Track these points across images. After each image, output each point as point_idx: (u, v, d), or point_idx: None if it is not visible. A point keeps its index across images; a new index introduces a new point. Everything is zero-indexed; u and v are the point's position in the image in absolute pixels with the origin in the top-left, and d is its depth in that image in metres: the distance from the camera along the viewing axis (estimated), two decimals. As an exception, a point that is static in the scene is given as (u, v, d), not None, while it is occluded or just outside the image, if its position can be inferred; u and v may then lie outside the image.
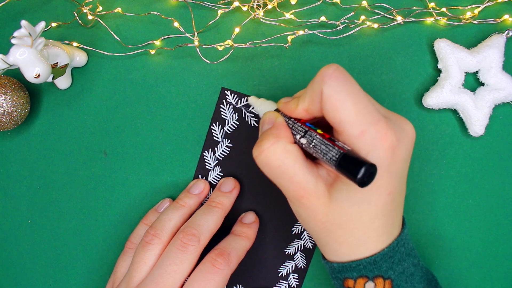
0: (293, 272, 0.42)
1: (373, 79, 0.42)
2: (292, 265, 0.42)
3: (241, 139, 0.42)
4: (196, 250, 0.35)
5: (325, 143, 0.28)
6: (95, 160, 0.43)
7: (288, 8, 0.41)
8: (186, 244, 0.35)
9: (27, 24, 0.33)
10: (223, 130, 0.42)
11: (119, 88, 0.43)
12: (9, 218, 0.44)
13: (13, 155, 0.44)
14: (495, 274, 0.42)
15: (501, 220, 0.42)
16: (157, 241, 0.36)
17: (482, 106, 0.39)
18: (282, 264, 0.42)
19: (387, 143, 0.28)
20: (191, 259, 0.35)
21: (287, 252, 0.42)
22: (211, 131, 0.42)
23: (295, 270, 0.42)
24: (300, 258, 0.42)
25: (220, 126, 0.42)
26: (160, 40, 0.42)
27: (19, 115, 0.40)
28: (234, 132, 0.42)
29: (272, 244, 0.42)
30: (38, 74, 0.35)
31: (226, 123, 0.42)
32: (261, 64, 0.42)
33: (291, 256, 0.42)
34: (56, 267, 0.44)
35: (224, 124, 0.42)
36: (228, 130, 0.42)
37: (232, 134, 0.42)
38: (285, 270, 0.42)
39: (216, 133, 0.42)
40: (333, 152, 0.28)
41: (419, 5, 0.41)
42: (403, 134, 0.30)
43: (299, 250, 0.42)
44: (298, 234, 0.42)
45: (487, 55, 0.39)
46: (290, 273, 0.42)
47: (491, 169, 0.42)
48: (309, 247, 0.42)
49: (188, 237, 0.35)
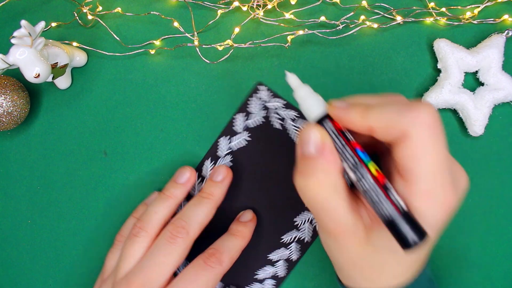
0: (295, 241, 0.42)
1: (373, 79, 0.42)
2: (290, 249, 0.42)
3: (262, 137, 0.41)
4: (185, 242, 0.36)
5: (378, 192, 0.26)
6: (95, 160, 0.43)
7: (288, 8, 0.41)
8: (175, 236, 0.35)
9: (27, 24, 0.33)
10: (245, 122, 0.41)
11: (119, 88, 0.43)
12: (9, 218, 0.44)
13: (13, 155, 0.44)
14: (495, 274, 0.42)
15: (501, 220, 0.42)
16: (143, 234, 0.36)
17: (481, 106, 0.39)
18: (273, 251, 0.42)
19: (448, 208, 0.26)
20: (180, 251, 0.35)
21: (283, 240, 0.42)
22: (232, 120, 0.41)
23: (297, 242, 0.42)
24: (295, 249, 0.42)
25: (244, 118, 0.41)
26: (160, 40, 0.42)
27: (19, 115, 0.40)
28: (256, 128, 0.41)
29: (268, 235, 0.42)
30: (38, 74, 0.35)
31: (251, 117, 0.41)
32: (261, 64, 0.42)
33: (285, 244, 0.42)
34: (56, 267, 0.44)
35: (248, 117, 0.41)
36: (252, 124, 0.41)
37: (254, 129, 0.41)
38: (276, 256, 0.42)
39: (237, 123, 0.41)
40: (386, 207, 0.25)
41: (419, 5, 0.41)
42: (462, 192, 0.28)
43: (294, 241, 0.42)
44: (289, 243, 0.42)
45: (487, 55, 0.39)
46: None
47: (491, 169, 0.42)
48: (306, 241, 0.42)
49: (177, 229, 0.36)
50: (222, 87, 0.42)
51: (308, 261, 0.43)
